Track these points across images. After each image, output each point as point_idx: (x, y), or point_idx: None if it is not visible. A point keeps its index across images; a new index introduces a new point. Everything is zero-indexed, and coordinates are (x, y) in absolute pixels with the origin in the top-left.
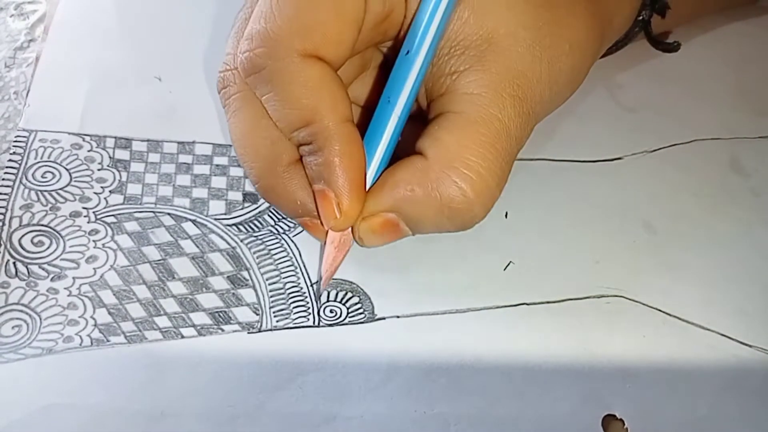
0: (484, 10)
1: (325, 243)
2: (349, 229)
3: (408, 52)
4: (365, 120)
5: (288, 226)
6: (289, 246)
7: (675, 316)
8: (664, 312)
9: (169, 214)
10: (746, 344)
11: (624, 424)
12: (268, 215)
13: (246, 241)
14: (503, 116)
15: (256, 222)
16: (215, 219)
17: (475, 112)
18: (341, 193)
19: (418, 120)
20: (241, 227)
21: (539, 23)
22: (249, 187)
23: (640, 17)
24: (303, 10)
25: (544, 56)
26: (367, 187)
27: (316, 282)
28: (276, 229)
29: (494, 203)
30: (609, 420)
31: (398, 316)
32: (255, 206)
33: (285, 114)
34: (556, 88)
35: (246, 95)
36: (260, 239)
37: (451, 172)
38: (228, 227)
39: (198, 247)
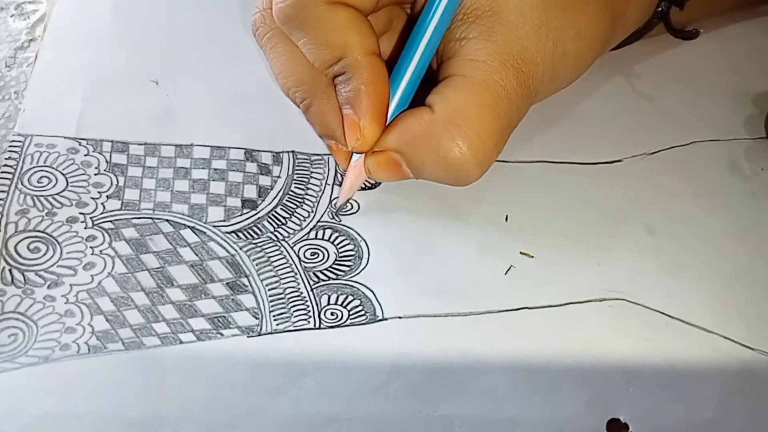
0: None
1: (346, 169)
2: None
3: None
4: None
5: (287, 232)
6: (288, 253)
7: (678, 319)
8: (666, 315)
9: (167, 220)
10: (749, 347)
11: (629, 428)
12: (267, 221)
13: (245, 249)
14: (506, 84)
15: (255, 229)
16: (214, 226)
17: (480, 76)
18: (365, 115)
19: (432, 85)
20: (240, 234)
21: (549, 4)
22: (248, 194)
23: (659, 8)
24: None
25: (549, 37)
26: (388, 119)
27: (334, 199)
28: (275, 236)
29: (490, 164)
30: (614, 424)
31: (400, 317)
32: (254, 213)
33: (319, 54)
34: (558, 69)
35: (278, 32)
36: (259, 246)
37: (452, 128)
38: (227, 234)
39: (197, 255)
